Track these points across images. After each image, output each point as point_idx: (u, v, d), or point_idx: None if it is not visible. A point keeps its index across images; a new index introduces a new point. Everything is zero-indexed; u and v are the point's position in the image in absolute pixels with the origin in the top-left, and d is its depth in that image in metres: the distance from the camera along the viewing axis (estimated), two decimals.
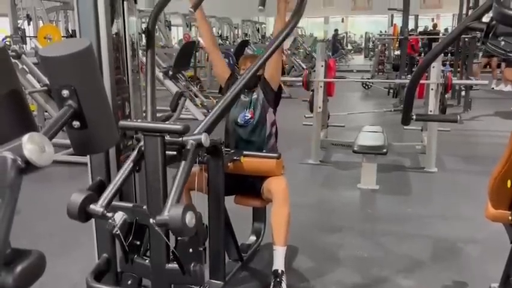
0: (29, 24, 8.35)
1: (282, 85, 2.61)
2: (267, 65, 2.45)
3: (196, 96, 7.72)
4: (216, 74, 2.67)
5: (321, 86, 4.76)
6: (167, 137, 1.50)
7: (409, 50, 10.74)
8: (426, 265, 2.68)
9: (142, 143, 1.53)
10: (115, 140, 1.34)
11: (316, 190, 4.05)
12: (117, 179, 1.48)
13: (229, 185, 2.15)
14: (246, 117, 2.49)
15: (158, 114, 2.04)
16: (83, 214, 1.34)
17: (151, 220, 1.27)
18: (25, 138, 0.80)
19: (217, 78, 2.71)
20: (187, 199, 2.35)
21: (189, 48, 7.79)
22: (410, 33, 10.20)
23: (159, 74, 7.09)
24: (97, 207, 1.35)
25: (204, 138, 1.51)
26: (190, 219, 1.23)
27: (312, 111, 4.90)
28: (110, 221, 1.39)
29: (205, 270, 1.70)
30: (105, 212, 1.35)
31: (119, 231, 1.38)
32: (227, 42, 12.97)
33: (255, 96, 2.53)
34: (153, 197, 1.48)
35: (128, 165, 1.53)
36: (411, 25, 13.96)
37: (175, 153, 1.52)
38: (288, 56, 11.62)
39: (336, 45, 18.78)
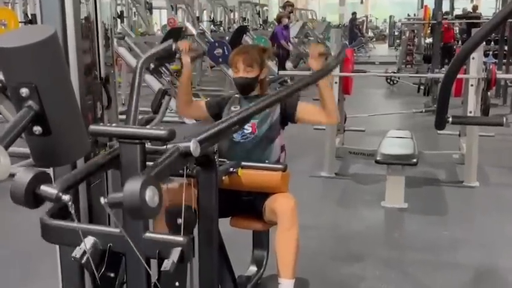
0: None
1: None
2: (311, 113, 2.45)
3: None
4: (196, 118, 2.75)
5: (335, 82, 4.77)
6: (148, 145, 1.50)
7: (446, 37, 10.82)
8: None
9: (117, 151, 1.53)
10: (85, 149, 1.34)
11: (331, 210, 4.05)
12: (87, 165, 1.47)
13: (224, 203, 2.15)
14: (245, 132, 2.48)
15: (139, 116, 2.05)
16: (30, 197, 1.20)
17: (102, 200, 1.19)
18: None
19: (199, 119, 2.76)
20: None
21: (174, 36, 7.83)
22: (444, 16, 10.27)
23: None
24: (51, 188, 1.22)
25: (194, 146, 1.51)
26: (151, 196, 1.19)
27: None
28: (79, 247, 1.38)
29: None
30: (61, 194, 1.22)
31: (88, 260, 1.37)
32: (221, 28, 13.02)
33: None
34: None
35: (103, 156, 1.53)
36: (445, 7, 14.04)
37: None
38: (295, 46, 11.66)
39: (354, 31, 18.89)
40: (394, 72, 10.09)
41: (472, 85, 4.48)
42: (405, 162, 4.02)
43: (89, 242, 1.42)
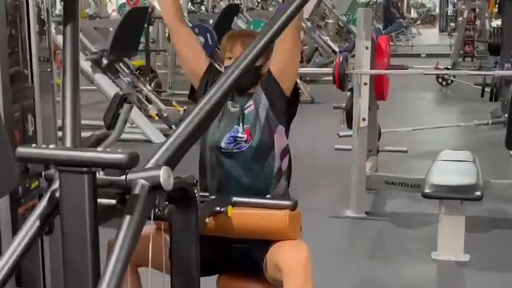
0: None
1: (300, 83, 2.66)
2: (276, 51, 2.50)
3: (150, 102, 7.77)
4: (186, 67, 2.74)
5: (365, 83, 4.80)
6: (100, 174, 1.51)
7: None
8: None
9: (56, 184, 1.54)
10: (10, 182, 1.34)
11: (360, 264, 4.04)
12: (11, 251, 1.48)
13: (208, 256, 2.14)
14: (238, 140, 2.52)
15: (85, 134, 2.05)
16: None
17: None
18: None
19: (186, 73, 2.78)
20: (134, 283, 2.34)
21: (136, 20, 7.88)
22: None
23: (86, 65, 7.16)
24: None
25: (165, 176, 1.51)
26: None
27: (350, 126, 4.93)
28: None
29: None
30: None
31: None
32: (202, 8, 13.13)
33: (251, 104, 2.56)
34: (74, 280, 1.47)
35: (30, 224, 1.53)
36: None
37: (114, 201, 1.52)
38: (307, 32, 11.76)
39: (391, 11, 19.06)
40: (448, 69, 10.13)
41: None
42: (465, 197, 4.01)
43: None
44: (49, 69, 2.09)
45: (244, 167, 2.51)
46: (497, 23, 12.20)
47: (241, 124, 2.55)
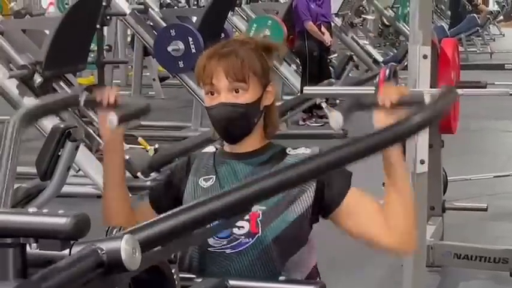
0: None
1: (325, 108, 2.70)
2: (359, 223, 2.54)
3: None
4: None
5: None
6: (31, 249, 1.51)
7: None
8: None
9: None
10: None
11: None
12: None
13: None
14: (239, 230, 2.48)
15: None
16: None
17: None
18: None
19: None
20: None
21: (84, 19, 7.91)
22: None
23: (10, 84, 7.15)
24: None
25: (127, 250, 1.52)
26: None
27: None
28: None
29: None
30: None
31: None
32: (181, 0, 13.24)
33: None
34: None
35: None
36: None
37: None
38: (337, 34, 11.85)
39: (460, 2, 19.15)
40: None
41: None
42: None
43: None
44: None
45: (244, 270, 2.49)
46: None
47: None
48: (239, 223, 2.43)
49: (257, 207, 2.42)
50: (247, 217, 2.43)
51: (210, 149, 2.65)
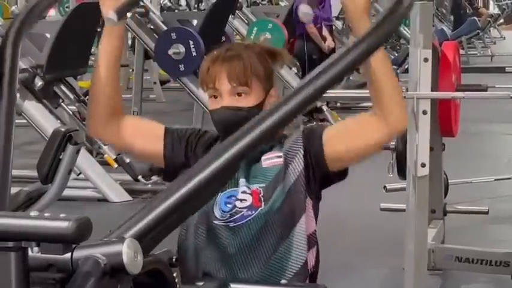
0: None
1: (327, 112, 2.69)
2: (342, 131, 2.62)
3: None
4: (141, 156, 2.91)
5: (424, 112, 4.80)
6: (33, 252, 1.51)
7: None
8: None
9: None
10: None
11: None
12: None
13: None
14: (241, 203, 2.52)
15: (12, 189, 2.07)
16: None
17: None
18: None
19: (146, 160, 3.01)
20: None
21: (86, 22, 7.92)
22: None
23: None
24: None
25: (129, 253, 1.52)
26: None
27: (403, 174, 4.91)
28: None
29: None
30: None
31: None
32: (182, 3, 13.25)
33: (278, 156, 2.58)
34: None
35: None
36: None
37: None
38: (338, 37, 11.84)
39: (461, 5, 19.15)
40: None
41: None
42: None
43: None
44: None
45: (244, 249, 2.51)
46: None
47: (245, 182, 2.55)
48: (242, 196, 2.51)
49: (257, 185, 2.51)
50: (249, 191, 2.51)
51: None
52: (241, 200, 2.50)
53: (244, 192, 2.51)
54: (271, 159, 2.56)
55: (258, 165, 2.56)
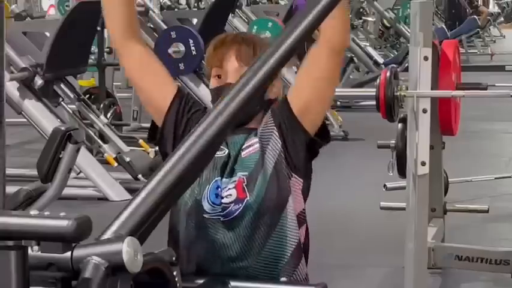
0: None
1: (327, 111, 2.68)
2: (301, 76, 2.61)
3: (106, 141, 7.78)
4: (146, 101, 2.79)
5: (424, 110, 4.79)
6: (33, 251, 1.51)
7: None
8: None
9: None
10: None
11: None
12: None
13: None
14: (227, 199, 2.51)
15: (10, 188, 2.07)
16: None
17: None
18: None
19: (146, 108, 2.87)
20: None
21: (85, 21, 7.92)
22: None
23: (11, 87, 7.16)
24: None
25: (129, 252, 1.52)
26: None
27: (403, 173, 4.91)
28: None
29: None
30: None
31: None
32: (181, 2, 13.24)
33: (254, 144, 2.58)
34: None
35: None
36: None
37: None
38: None
39: (459, 4, 19.12)
40: None
41: None
42: None
43: None
44: None
45: (241, 240, 2.51)
46: None
47: (231, 175, 2.55)
48: (227, 192, 2.51)
49: (240, 174, 2.50)
50: (233, 185, 2.50)
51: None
52: (226, 196, 2.50)
53: (227, 188, 2.51)
54: (247, 149, 2.57)
55: (239, 158, 2.56)
